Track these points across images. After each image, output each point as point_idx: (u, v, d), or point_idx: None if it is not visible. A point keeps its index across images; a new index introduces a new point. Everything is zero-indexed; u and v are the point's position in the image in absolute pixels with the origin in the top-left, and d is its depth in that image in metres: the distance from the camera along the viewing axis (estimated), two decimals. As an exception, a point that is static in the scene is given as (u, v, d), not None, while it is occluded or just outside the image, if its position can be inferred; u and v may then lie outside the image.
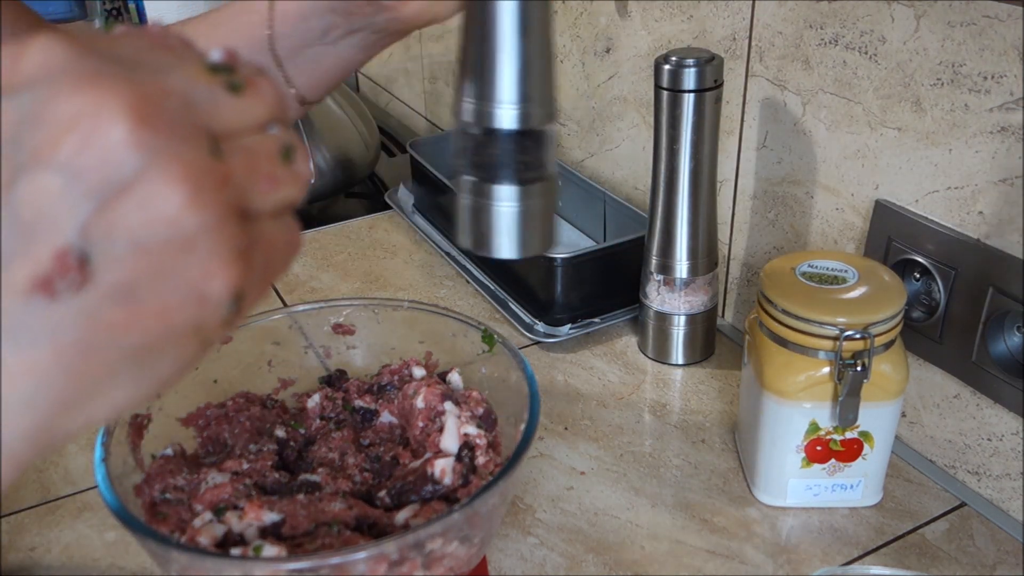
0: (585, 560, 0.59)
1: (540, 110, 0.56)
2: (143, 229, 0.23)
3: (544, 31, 0.53)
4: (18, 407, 0.23)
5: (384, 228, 1.06)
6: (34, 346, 0.23)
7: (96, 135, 0.22)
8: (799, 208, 0.72)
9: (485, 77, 0.53)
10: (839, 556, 0.59)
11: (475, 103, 0.53)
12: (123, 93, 0.22)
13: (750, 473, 0.64)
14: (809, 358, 0.57)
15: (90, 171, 0.22)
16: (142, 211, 0.22)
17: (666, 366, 0.79)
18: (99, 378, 0.24)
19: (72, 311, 0.23)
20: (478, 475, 0.51)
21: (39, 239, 0.22)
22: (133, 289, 0.23)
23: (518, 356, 0.55)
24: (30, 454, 0.24)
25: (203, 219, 0.23)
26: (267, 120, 0.27)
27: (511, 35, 0.53)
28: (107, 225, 0.22)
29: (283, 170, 0.26)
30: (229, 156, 0.25)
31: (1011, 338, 0.58)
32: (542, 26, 0.53)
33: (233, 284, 0.24)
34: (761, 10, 0.70)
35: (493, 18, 0.53)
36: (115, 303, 0.23)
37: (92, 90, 0.22)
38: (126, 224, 0.22)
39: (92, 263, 0.22)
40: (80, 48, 0.23)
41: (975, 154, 0.57)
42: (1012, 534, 0.60)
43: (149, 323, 0.24)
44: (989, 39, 0.54)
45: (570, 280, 0.81)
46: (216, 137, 0.24)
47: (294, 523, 0.46)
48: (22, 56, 0.22)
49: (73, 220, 0.22)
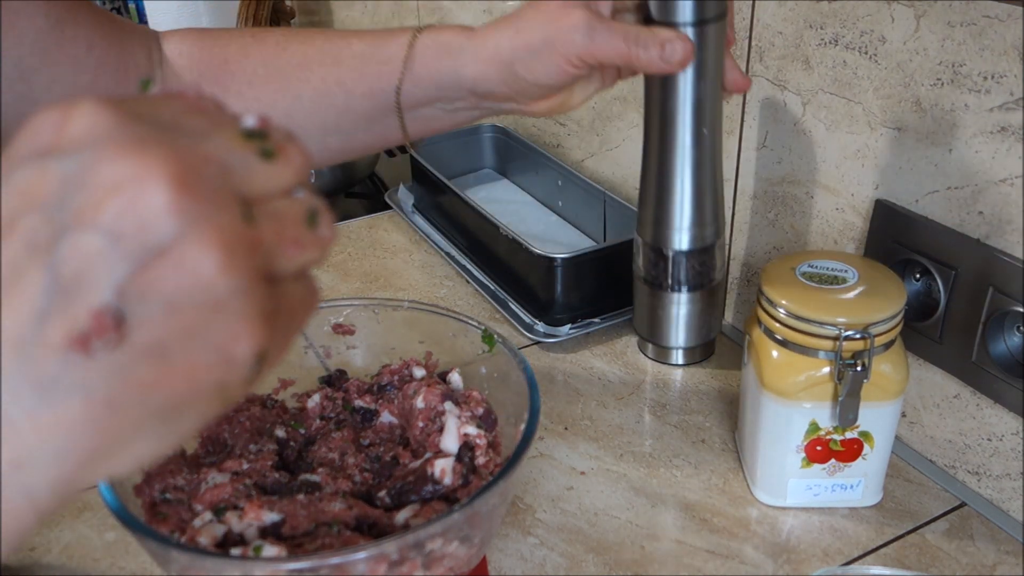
0: (585, 560, 0.59)
1: (710, 230, 0.65)
2: (177, 291, 0.23)
3: (715, 163, 0.60)
4: (46, 459, 0.24)
5: (384, 228, 1.06)
6: (66, 401, 0.23)
7: (138, 201, 0.23)
8: (799, 208, 0.72)
9: (664, 207, 0.62)
10: (839, 556, 0.59)
11: (655, 228, 0.63)
12: (165, 161, 0.23)
13: (750, 473, 0.64)
14: (809, 358, 0.57)
15: (130, 234, 0.23)
16: (177, 274, 0.23)
17: (666, 366, 0.79)
18: (125, 433, 0.25)
19: (105, 369, 0.23)
20: (478, 475, 0.51)
21: (78, 297, 0.23)
22: (164, 349, 0.24)
23: (518, 356, 0.55)
24: (53, 504, 0.25)
25: (235, 283, 0.24)
26: (295, 185, 0.27)
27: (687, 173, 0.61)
28: (143, 286, 0.23)
29: (308, 234, 0.27)
30: (259, 221, 0.26)
31: (1011, 338, 0.58)
32: (713, 161, 0.60)
33: (258, 345, 0.25)
34: (761, 10, 0.70)
35: (671, 158, 0.60)
36: (147, 362, 0.24)
37: (136, 157, 0.23)
38: (161, 286, 0.23)
39: (127, 323, 0.23)
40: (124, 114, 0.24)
41: (975, 154, 0.57)
42: (1012, 534, 0.60)
43: (177, 382, 0.24)
44: (989, 39, 0.54)
45: (570, 280, 0.81)
46: (248, 202, 0.25)
47: (294, 523, 0.46)
48: (69, 120, 0.23)
49: (111, 280, 0.23)
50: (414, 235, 1.03)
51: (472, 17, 1.15)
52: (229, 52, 0.58)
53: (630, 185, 0.95)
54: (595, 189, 0.94)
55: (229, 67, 0.57)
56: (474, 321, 0.59)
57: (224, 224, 0.24)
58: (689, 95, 0.60)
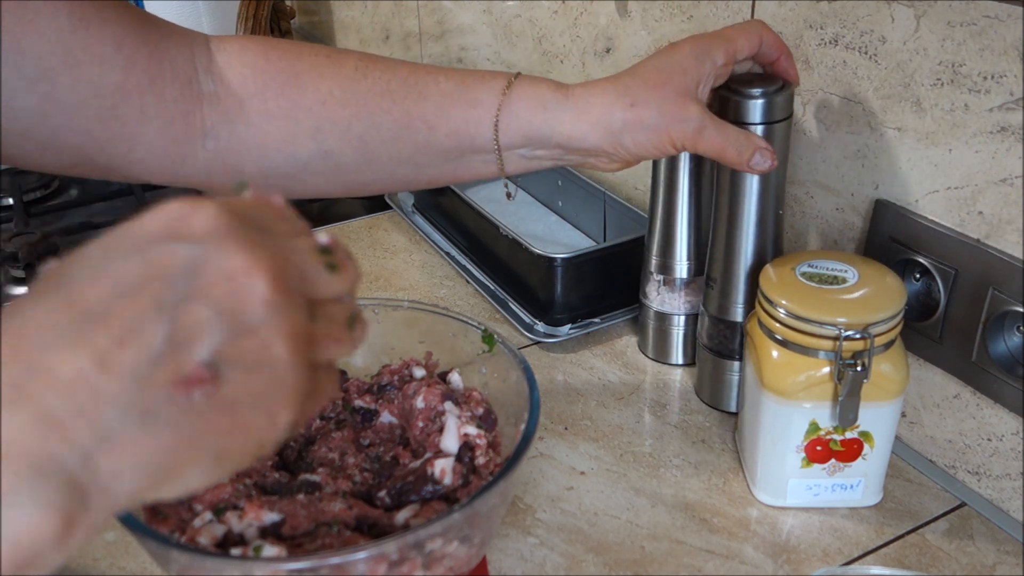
0: (585, 560, 0.59)
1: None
2: (255, 363, 0.30)
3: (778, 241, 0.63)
4: (133, 475, 0.28)
5: (384, 228, 1.06)
6: (161, 431, 0.28)
7: (244, 289, 0.29)
8: (799, 208, 0.72)
9: (727, 279, 0.65)
10: (839, 556, 0.59)
11: (719, 300, 0.66)
12: (266, 261, 0.30)
13: (750, 473, 0.64)
14: (809, 358, 0.57)
15: (233, 313, 0.29)
16: (259, 351, 0.30)
17: (666, 366, 0.79)
18: (188, 466, 0.30)
19: (194, 411, 0.29)
20: (478, 475, 0.51)
21: (186, 351, 0.29)
22: (236, 405, 0.30)
23: (518, 356, 0.55)
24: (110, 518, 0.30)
25: (293, 366, 0.31)
26: (346, 293, 0.35)
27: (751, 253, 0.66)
28: (234, 354, 0.30)
29: (347, 334, 0.35)
30: (317, 319, 0.33)
31: (1011, 338, 0.58)
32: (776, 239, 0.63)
33: (294, 415, 0.32)
34: (761, 10, 0.70)
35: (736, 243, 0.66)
36: (222, 413, 0.30)
37: (246, 255, 0.30)
38: (246, 357, 0.30)
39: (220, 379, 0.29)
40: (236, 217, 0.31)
41: (975, 154, 0.57)
42: (1012, 534, 0.60)
43: (237, 433, 0.30)
44: (989, 39, 0.54)
45: (570, 280, 0.81)
46: (312, 302, 0.33)
47: (294, 523, 0.46)
48: (194, 215, 0.30)
49: (213, 344, 0.29)
50: (414, 235, 1.03)
51: (472, 17, 1.15)
52: (300, 67, 0.56)
53: (630, 185, 0.95)
54: (595, 189, 0.94)
55: (300, 81, 0.56)
56: (474, 321, 0.59)
57: (296, 319, 0.31)
58: (757, 180, 0.63)
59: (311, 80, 0.56)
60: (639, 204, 0.90)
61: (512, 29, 1.07)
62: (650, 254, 0.76)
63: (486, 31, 1.13)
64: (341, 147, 0.57)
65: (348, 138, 0.57)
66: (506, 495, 0.50)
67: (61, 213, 1.21)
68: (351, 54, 0.58)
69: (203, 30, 0.59)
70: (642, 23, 0.85)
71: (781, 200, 0.65)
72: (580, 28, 0.95)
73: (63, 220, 1.19)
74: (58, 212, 1.22)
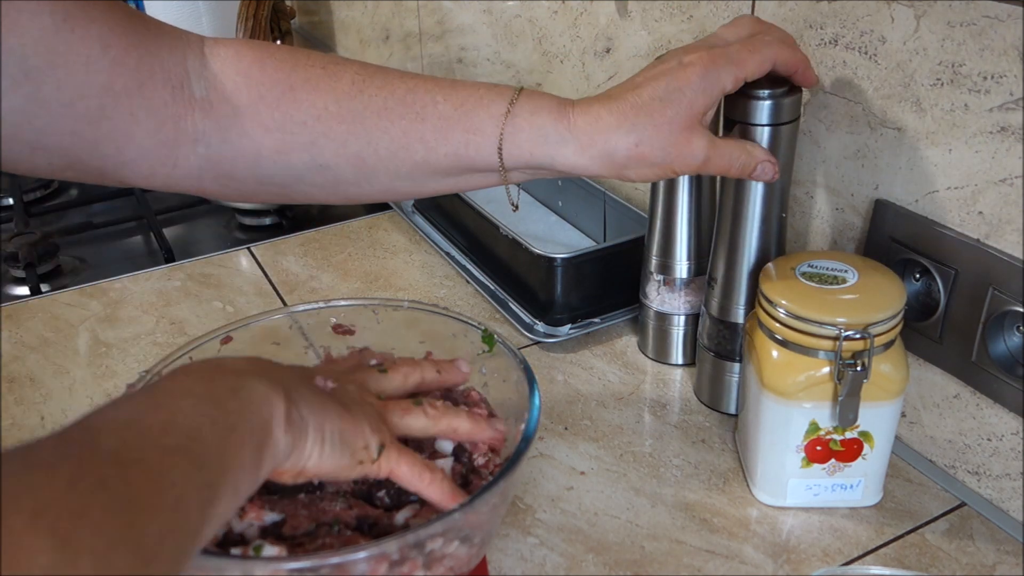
0: (585, 560, 0.59)
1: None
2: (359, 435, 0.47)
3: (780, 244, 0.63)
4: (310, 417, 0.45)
5: (384, 228, 1.06)
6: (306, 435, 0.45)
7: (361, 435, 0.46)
8: (799, 208, 0.72)
9: (729, 281, 0.65)
10: (839, 556, 0.59)
11: (721, 301, 0.66)
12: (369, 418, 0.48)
13: (750, 473, 0.64)
14: (809, 358, 0.57)
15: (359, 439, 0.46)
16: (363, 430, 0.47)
17: (666, 366, 0.79)
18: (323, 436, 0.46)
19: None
20: (478, 475, 0.51)
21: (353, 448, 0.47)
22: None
23: (518, 356, 0.55)
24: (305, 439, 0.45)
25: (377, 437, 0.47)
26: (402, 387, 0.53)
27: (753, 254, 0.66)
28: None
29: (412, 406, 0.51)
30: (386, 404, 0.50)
31: (1011, 338, 0.58)
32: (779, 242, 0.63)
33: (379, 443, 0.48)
34: (761, 10, 0.70)
35: (739, 244, 0.66)
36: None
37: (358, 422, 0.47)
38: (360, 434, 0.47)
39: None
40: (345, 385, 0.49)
41: (975, 154, 0.57)
42: (1012, 534, 0.60)
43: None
44: (989, 39, 0.54)
45: (570, 280, 0.81)
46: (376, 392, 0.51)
47: (294, 523, 0.46)
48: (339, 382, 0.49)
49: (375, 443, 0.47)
50: (414, 235, 1.03)
51: (472, 17, 1.15)
52: (295, 80, 0.56)
53: (630, 185, 0.95)
54: (595, 189, 0.94)
55: (295, 95, 0.55)
56: (474, 321, 0.59)
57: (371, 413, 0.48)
58: (761, 183, 0.63)
59: (306, 93, 0.55)
60: (639, 204, 0.90)
61: (512, 29, 1.07)
62: (650, 254, 0.76)
63: (486, 31, 1.13)
64: (337, 161, 0.56)
65: (344, 154, 0.56)
66: (506, 495, 0.50)
67: (61, 213, 1.22)
68: (348, 67, 0.57)
69: (203, 30, 0.58)
70: (642, 23, 0.85)
71: (785, 202, 0.65)
72: (580, 28, 0.95)
73: (63, 220, 1.20)
74: (58, 212, 1.22)
